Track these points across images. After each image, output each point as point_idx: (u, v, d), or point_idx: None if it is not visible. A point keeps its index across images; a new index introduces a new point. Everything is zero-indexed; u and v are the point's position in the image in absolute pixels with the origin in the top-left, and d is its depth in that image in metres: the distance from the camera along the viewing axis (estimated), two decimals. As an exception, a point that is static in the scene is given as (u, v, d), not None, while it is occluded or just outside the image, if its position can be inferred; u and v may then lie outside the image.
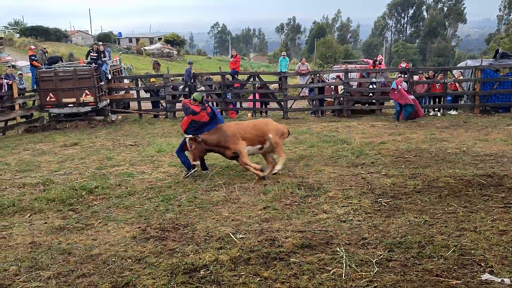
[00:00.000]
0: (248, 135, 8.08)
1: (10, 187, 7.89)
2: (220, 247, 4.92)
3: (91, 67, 16.85)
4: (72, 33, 68.67)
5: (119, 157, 10.30)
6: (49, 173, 8.99)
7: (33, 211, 6.59)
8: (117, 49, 57.40)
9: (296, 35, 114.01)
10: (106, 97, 17.72)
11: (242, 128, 8.16)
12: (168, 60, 55.98)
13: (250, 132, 8.10)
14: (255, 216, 5.96)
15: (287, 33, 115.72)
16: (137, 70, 39.04)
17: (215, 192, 7.18)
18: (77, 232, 5.65)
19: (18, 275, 4.40)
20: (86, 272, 4.45)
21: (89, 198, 7.09)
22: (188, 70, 17.55)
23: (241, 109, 18.08)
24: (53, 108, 16.74)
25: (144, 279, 4.22)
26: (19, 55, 44.26)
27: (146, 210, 6.40)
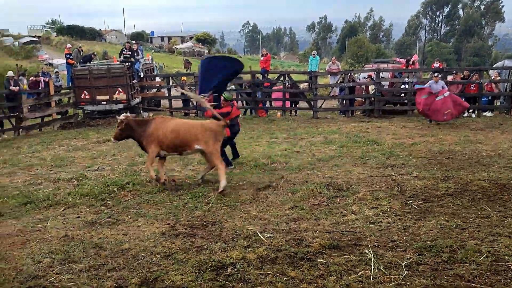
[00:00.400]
0: (166, 141, 7.57)
1: (45, 182, 8.15)
2: (248, 245, 4.94)
3: (124, 65, 17.20)
4: (106, 32, 70.26)
5: (150, 154, 10.46)
6: (82, 168, 9.24)
7: (67, 205, 6.78)
8: (149, 48, 58.42)
9: (327, 34, 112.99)
10: (138, 95, 18.06)
11: (163, 132, 7.56)
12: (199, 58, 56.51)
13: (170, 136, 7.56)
14: (283, 215, 5.95)
15: (318, 32, 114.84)
16: (169, 68, 39.64)
17: (243, 190, 7.21)
18: (109, 226, 5.78)
19: (52, 267, 4.54)
20: (116, 266, 4.55)
21: (120, 194, 7.24)
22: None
23: (270, 108, 18.08)
24: (87, 105, 17.19)
25: (172, 275, 4.29)
26: (55, 53, 45.67)
27: (175, 207, 6.49)
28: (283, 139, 12.03)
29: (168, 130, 7.54)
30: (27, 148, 12.23)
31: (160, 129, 7.57)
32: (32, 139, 13.79)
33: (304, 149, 10.59)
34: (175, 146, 7.63)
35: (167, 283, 4.16)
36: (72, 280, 4.25)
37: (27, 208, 6.68)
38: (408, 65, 18.13)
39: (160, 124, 7.65)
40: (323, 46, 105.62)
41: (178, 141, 7.55)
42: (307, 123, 15.26)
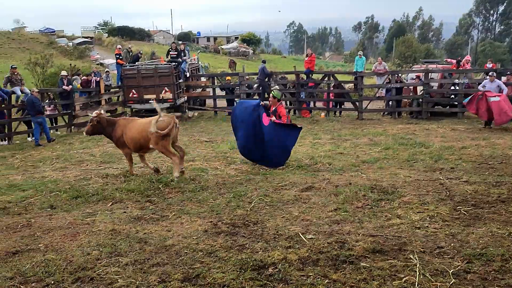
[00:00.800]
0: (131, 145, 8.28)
1: (95, 177, 8.45)
2: (289, 246, 4.91)
3: (171, 65, 17.60)
4: (154, 33, 72.21)
5: (194, 153, 10.65)
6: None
7: (114, 200, 7.00)
8: (195, 48, 59.44)
9: (374, 34, 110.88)
10: (184, 94, 18.42)
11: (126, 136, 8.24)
12: (243, 59, 56.99)
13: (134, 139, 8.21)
14: (325, 217, 5.88)
15: (365, 32, 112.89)
16: (214, 68, 40.14)
17: (285, 191, 7.18)
18: (153, 222, 5.92)
19: (99, 260, 4.70)
20: (160, 261, 4.64)
21: (165, 191, 7.40)
22: (264, 67, 17.76)
23: (314, 109, 17.94)
24: (135, 104, 17.72)
25: (214, 272, 4.33)
26: (106, 53, 47.35)
27: (218, 205, 6.55)
28: (326, 140, 11.90)
29: (129, 136, 8.21)
30: (79, 144, 12.76)
31: (124, 133, 8.28)
32: (83, 136, 14.34)
33: (348, 150, 10.43)
34: (140, 147, 8.31)
35: (209, 280, 4.20)
36: (118, 273, 4.38)
37: (77, 202, 6.96)
38: (459, 65, 17.47)
39: (124, 128, 8.32)
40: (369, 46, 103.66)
41: (139, 144, 8.22)
42: (352, 124, 15.03)
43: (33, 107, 13.38)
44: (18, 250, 4.98)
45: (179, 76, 17.86)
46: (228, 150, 10.81)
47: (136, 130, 8.18)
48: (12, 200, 7.10)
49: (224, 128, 14.89)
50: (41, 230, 5.62)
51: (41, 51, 34.48)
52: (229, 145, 11.32)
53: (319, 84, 17.76)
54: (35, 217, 6.18)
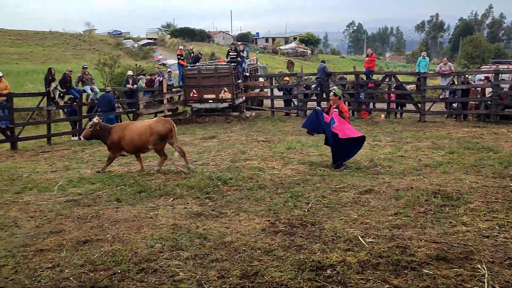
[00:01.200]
0: (129, 148, 8.91)
1: (157, 173, 8.77)
2: (348, 248, 4.84)
3: (230, 65, 17.87)
4: (214, 34, 73.64)
5: (252, 152, 10.76)
6: (189, 162, 9.75)
7: (175, 196, 7.23)
8: (254, 49, 60.01)
9: (438, 33, 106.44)
10: (242, 94, 18.63)
11: (124, 140, 8.83)
12: (301, 59, 56.77)
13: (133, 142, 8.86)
14: (385, 221, 5.74)
15: (428, 31, 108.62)
16: (272, 69, 40.29)
17: (344, 193, 7.08)
18: (212, 219, 6.05)
19: (162, 252, 4.88)
20: (219, 257, 4.74)
21: (223, 188, 7.54)
22: (325, 67, 17.64)
23: (374, 110, 17.53)
24: (195, 103, 18.16)
25: (272, 271, 4.36)
26: (169, 54, 48.92)
27: (275, 204, 6.58)
28: (386, 143, 11.59)
29: (128, 139, 8.81)
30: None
31: (122, 137, 8.81)
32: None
33: (410, 153, 10.10)
34: (137, 150, 9.04)
35: (267, 278, 4.23)
36: (179, 267, 4.52)
37: (141, 196, 7.26)
38: (534, 66, 16.37)
39: (121, 133, 8.86)
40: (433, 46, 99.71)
41: (138, 146, 8.90)
42: (413, 127, 14.53)
43: (109, 104, 14.46)
44: (88, 240, 5.28)
45: (238, 77, 18.10)
46: (285, 150, 10.82)
47: (136, 133, 8.86)
48: (82, 192, 7.54)
49: (281, 128, 14.92)
50: (109, 222, 5.92)
51: (109, 52, 36.24)
52: (286, 145, 11.33)
53: (379, 84, 17.33)
54: (103, 209, 6.52)
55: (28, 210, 6.61)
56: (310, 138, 12.21)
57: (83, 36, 59.46)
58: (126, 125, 9.37)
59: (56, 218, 6.15)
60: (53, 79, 14.25)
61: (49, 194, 7.55)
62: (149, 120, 9.81)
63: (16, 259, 4.77)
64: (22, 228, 5.79)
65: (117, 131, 8.93)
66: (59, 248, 5.06)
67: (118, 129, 9.00)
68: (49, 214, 6.35)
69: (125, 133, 8.86)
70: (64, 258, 4.76)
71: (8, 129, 13.36)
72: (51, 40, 52.86)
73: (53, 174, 9.02)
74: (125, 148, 8.90)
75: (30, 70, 30.34)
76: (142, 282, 4.24)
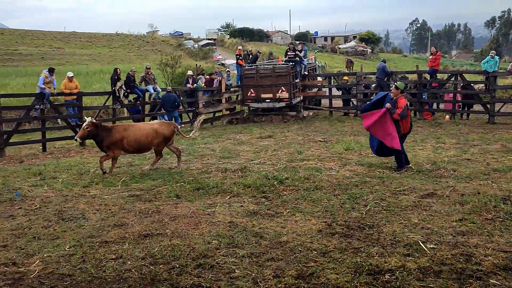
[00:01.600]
0: (131, 148, 9.05)
1: (215, 171, 8.93)
2: (408, 254, 4.68)
3: (288, 65, 17.84)
4: (272, 33, 73.90)
5: (309, 152, 10.68)
6: (246, 161, 9.87)
7: (232, 194, 7.33)
8: (312, 48, 59.58)
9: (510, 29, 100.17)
10: (300, 94, 18.54)
11: (127, 140, 8.90)
12: (361, 58, 55.67)
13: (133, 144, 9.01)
14: (449, 227, 5.48)
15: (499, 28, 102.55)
16: (330, 68, 39.82)
17: (404, 196, 6.85)
18: (268, 218, 6.07)
19: (219, 249, 4.97)
20: (275, 256, 4.75)
21: (280, 188, 7.54)
22: (384, 66, 17.18)
23: (437, 111, 16.80)
24: (252, 103, 18.30)
25: (328, 273, 4.30)
26: (227, 54, 49.70)
27: (332, 206, 6.49)
28: (451, 145, 11.07)
29: (132, 140, 8.96)
30: (201, 139, 13.57)
31: (124, 138, 8.88)
32: (205, 132, 15.25)
33: (477, 157, 9.58)
34: (139, 150, 9.32)
35: (323, 280, 4.18)
36: (236, 264, 4.58)
37: (199, 193, 7.43)
38: None
39: (124, 133, 8.92)
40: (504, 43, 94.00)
41: (143, 146, 9.16)
42: (481, 129, 13.76)
43: (173, 103, 15.25)
44: (149, 234, 5.48)
45: (295, 76, 18.03)
46: (343, 150, 10.63)
47: (142, 134, 9.09)
48: (144, 188, 7.84)
49: (340, 129, 14.69)
50: (168, 217, 6.12)
51: (171, 52, 37.43)
52: (344, 145, 11.14)
53: (444, 84, 16.58)
54: (163, 205, 6.74)
55: (95, 203, 6.98)
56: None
57: (147, 37, 61.90)
58: (128, 126, 9.52)
59: (120, 212, 6.44)
60: (119, 79, 14.93)
61: (113, 188, 7.92)
62: (150, 122, 10.24)
63: (84, 249, 5.05)
64: (89, 220, 6.11)
65: (119, 131, 8.99)
66: (122, 240, 5.29)
67: (120, 130, 9.07)
68: (113, 208, 6.66)
69: (128, 133, 8.99)
70: (127, 251, 4.97)
71: (77, 126, 14.16)
72: (117, 42, 55.48)
73: (117, 170, 9.45)
74: (126, 147, 8.99)
75: (98, 71, 32.02)
76: (199, 277, 4.33)
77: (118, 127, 9.31)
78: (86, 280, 4.33)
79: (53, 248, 5.10)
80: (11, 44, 45.60)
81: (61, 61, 38.49)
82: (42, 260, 4.77)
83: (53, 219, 6.18)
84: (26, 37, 51.30)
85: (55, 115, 14.55)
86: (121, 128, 9.21)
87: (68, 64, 37.37)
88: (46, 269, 4.56)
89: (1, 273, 4.45)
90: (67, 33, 58.50)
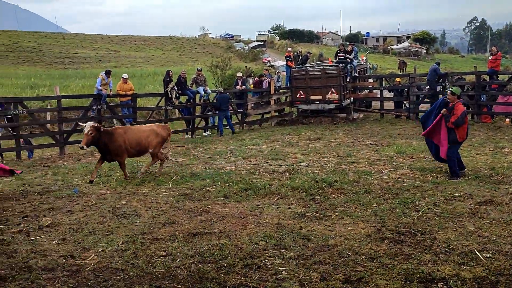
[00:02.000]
0: (132, 151, 8.87)
1: (262, 172, 8.96)
2: (462, 262, 4.48)
3: (338, 66, 17.61)
4: (322, 35, 73.26)
5: (358, 155, 10.48)
6: (294, 163, 9.83)
7: (280, 195, 7.33)
8: (363, 49, 58.49)
9: None
10: (350, 96, 18.25)
11: (129, 142, 8.75)
12: (415, 59, 53.97)
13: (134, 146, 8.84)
14: (508, 236, 5.20)
15: None
16: (382, 69, 38.91)
17: (459, 202, 6.57)
18: (316, 221, 6.02)
19: (266, 250, 4.98)
20: (322, 259, 4.70)
21: (328, 191, 7.46)
22: (436, 68, 16.60)
23: (497, 114, 15.99)
24: (301, 104, 18.22)
25: (377, 278, 4.20)
26: (277, 56, 49.80)
27: (382, 210, 6.34)
28: (511, 150, 10.49)
29: (134, 142, 8.84)
30: (249, 140, 13.69)
31: (126, 140, 8.71)
32: (253, 133, 15.35)
33: (540, 163, 9.02)
34: (139, 152, 9.15)
35: (371, 285, 4.10)
36: (282, 266, 4.57)
37: (247, 193, 7.48)
38: None
39: (124, 136, 8.73)
40: None
41: (142, 149, 9.05)
42: (546, 133, 12.95)
43: (227, 102, 15.83)
44: (198, 232, 5.59)
45: (346, 77, 17.77)
46: (394, 154, 10.35)
47: (142, 136, 8.99)
48: (193, 187, 8.00)
49: (391, 131, 14.31)
50: (217, 216, 6.21)
51: (221, 54, 38.03)
52: (395, 149, 10.84)
53: (505, 86, 15.75)
54: (212, 204, 6.85)
55: (147, 201, 7.20)
56: (423, 141, 11.55)
57: (198, 40, 63.22)
58: (127, 129, 9.18)
59: (170, 210, 6.61)
60: (171, 80, 15.34)
61: (164, 187, 8.15)
62: (148, 124, 10.11)
63: (136, 245, 5.22)
64: (141, 217, 6.32)
65: (121, 134, 8.72)
66: (172, 238, 5.43)
67: (121, 133, 8.79)
68: (164, 206, 6.85)
69: (128, 136, 8.80)
70: (176, 248, 5.10)
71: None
72: (170, 45, 57.08)
73: (168, 169, 9.71)
74: (128, 150, 8.80)
75: (151, 72, 33.09)
76: (246, 277, 4.36)
77: (119, 130, 8.95)
78: (138, 275, 4.48)
79: (107, 243, 5.32)
80: (71, 47, 48.09)
81: (117, 64, 40.14)
82: (97, 254, 4.98)
83: (108, 215, 6.44)
84: (86, 40, 53.92)
85: (110, 115, 15.16)
86: (122, 131, 8.92)
87: (123, 66, 38.92)
88: (100, 263, 4.76)
89: (60, 265, 4.70)
90: (123, 37, 60.93)
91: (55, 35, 56.70)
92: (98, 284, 4.26)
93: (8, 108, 12.36)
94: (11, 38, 48.38)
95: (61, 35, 58.33)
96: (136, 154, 9.23)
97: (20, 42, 47.04)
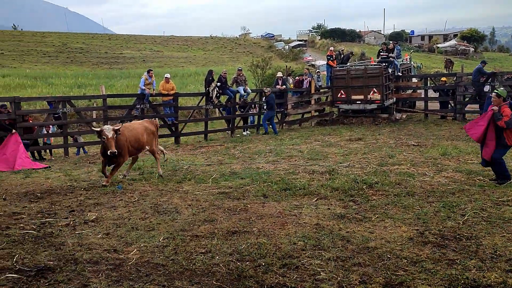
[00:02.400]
0: (132, 149, 8.64)
1: (302, 172, 8.92)
2: (510, 269, 4.29)
3: (380, 66, 17.27)
4: (365, 33, 71.94)
5: (401, 156, 10.24)
6: (334, 163, 9.72)
7: (319, 196, 7.26)
8: (407, 48, 57.03)
9: None
10: (393, 96, 17.86)
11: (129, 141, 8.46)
12: (462, 58, 52.09)
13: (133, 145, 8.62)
14: (561, 244, 4.93)
15: None
16: (427, 68, 37.81)
17: (508, 207, 6.29)
18: (356, 222, 5.92)
19: (304, 250, 4.95)
20: (362, 262, 4.62)
21: (368, 192, 7.32)
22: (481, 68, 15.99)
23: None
24: (342, 104, 18.01)
25: (418, 283, 4.09)
26: (318, 55, 49.39)
27: (425, 213, 6.16)
28: None
29: (132, 140, 8.60)
30: (289, 140, 13.66)
31: (127, 138, 8.45)
32: (293, 133, 15.31)
33: None
34: (137, 150, 8.91)
35: (412, 290, 3.99)
36: (321, 266, 4.53)
37: (286, 193, 7.46)
38: None
39: (125, 135, 8.42)
40: None
41: (141, 145, 8.86)
42: None
43: (273, 103, 15.85)
44: (236, 231, 5.63)
45: (388, 77, 17.40)
46: (438, 156, 10.04)
47: (141, 132, 8.82)
48: (232, 186, 8.07)
49: (435, 133, 13.89)
50: (255, 215, 6.23)
51: (262, 54, 38.13)
52: (440, 150, 10.51)
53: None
54: (251, 203, 6.88)
55: (187, 198, 7.33)
56: (470, 143, 11.15)
57: (239, 40, 63.64)
58: (123, 128, 8.55)
59: (210, 208, 6.69)
60: (213, 79, 15.54)
61: (204, 185, 8.26)
62: (138, 121, 9.51)
63: (176, 242, 5.32)
64: (181, 214, 6.43)
65: (123, 133, 8.36)
66: (211, 235, 5.50)
67: (122, 132, 8.38)
68: (204, 204, 6.94)
69: (128, 134, 8.50)
70: (216, 246, 5.15)
71: (173, 125, 15.01)
72: (211, 45, 57.77)
73: (208, 167, 9.83)
74: (130, 149, 8.58)
75: (193, 72, 33.63)
76: (284, 277, 4.35)
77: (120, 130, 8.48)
78: (178, 271, 4.56)
79: (149, 238, 5.45)
80: (116, 48, 49.59)
81: (160, 63, 41.07)
82: (139, 249, 5.11)
83: (150, 211, 6.60)
84: (130, 41, 55.45)
85: (153, 114, 15.54)
86: (123, 131, 8.44)
87: (166, 66, 39.77)
88: (142, 258, 4.88)
89: (104, 258, 4.86)
90: (166, 37, 62.21)
91: (101, 36, 58.65)
92: (139, 278, 4.38)
93: (57, 107, 12.90)
94: (61, 39, 50.46)
95: (107, 36, 60.28)
96: (134, 152, 8.96)
97: (69, 43, 48.98)
